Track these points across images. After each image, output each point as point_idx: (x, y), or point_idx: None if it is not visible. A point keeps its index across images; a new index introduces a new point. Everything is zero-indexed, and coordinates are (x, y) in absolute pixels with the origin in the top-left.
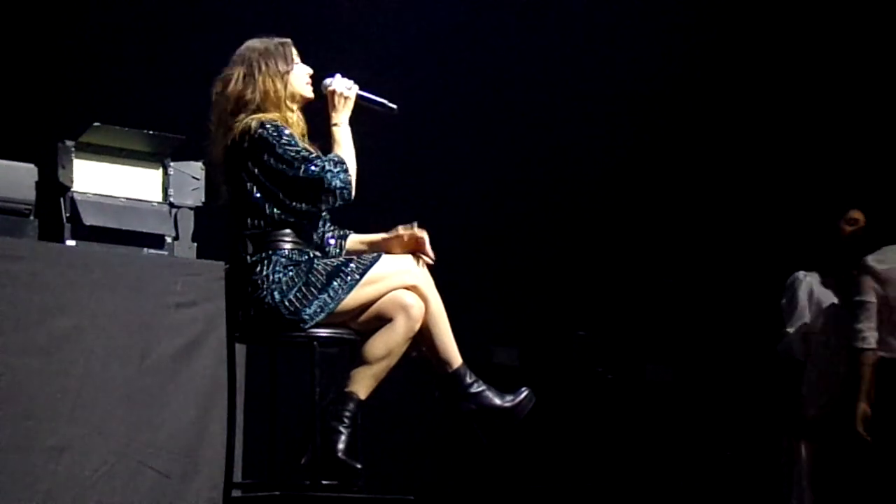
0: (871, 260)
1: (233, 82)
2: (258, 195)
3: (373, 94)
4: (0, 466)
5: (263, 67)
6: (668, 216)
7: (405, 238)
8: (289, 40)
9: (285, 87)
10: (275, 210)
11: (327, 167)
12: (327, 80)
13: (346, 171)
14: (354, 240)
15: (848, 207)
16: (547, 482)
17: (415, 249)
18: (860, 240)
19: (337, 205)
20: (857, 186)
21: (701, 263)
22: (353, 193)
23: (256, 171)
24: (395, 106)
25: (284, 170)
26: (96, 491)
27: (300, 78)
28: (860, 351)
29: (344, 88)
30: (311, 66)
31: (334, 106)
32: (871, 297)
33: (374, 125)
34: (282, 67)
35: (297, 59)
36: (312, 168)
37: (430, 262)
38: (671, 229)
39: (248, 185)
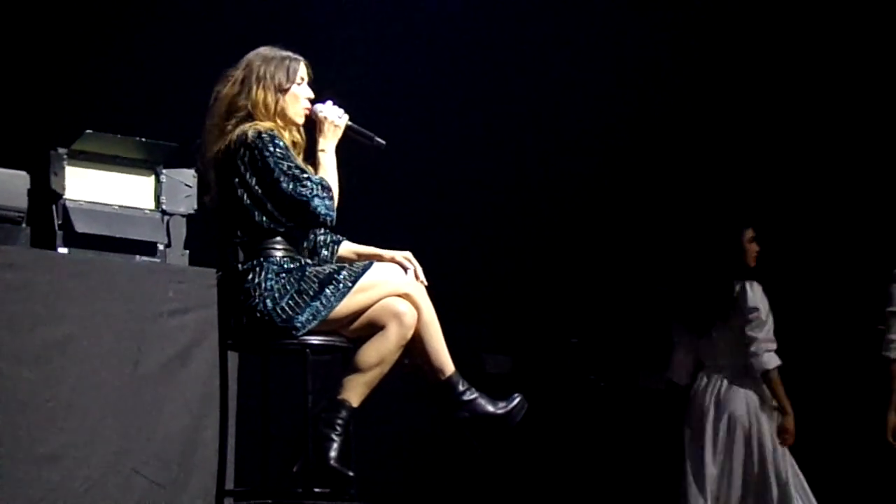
0: None
1: (230, 84)
2: (248, 202)
3: (363, 127)
4: None
5: (261, 76)
6: (660, 224)
7: (397, 261)
8: (301, 58)
9: (277, 102)
10: (263, 218)
11: (315, 191)
12: (318, 106)
13: (331, 197)
14: (348, 248)
15: None
16: (540, 490)
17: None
18: None
19: (318, 230)
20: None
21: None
22: (334, 221)
23: (248, 179)
24: (383, 141)
25: (275, 183)
26: (88, 499)
27: (296, 99)
28: (891, 361)
29: (335, 117)
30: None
31: (323, 132)
32: None
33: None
34: (280, 81)
35: (303, 79)
36: (301, 189)
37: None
38: (663, 237)
39: (239, 191)
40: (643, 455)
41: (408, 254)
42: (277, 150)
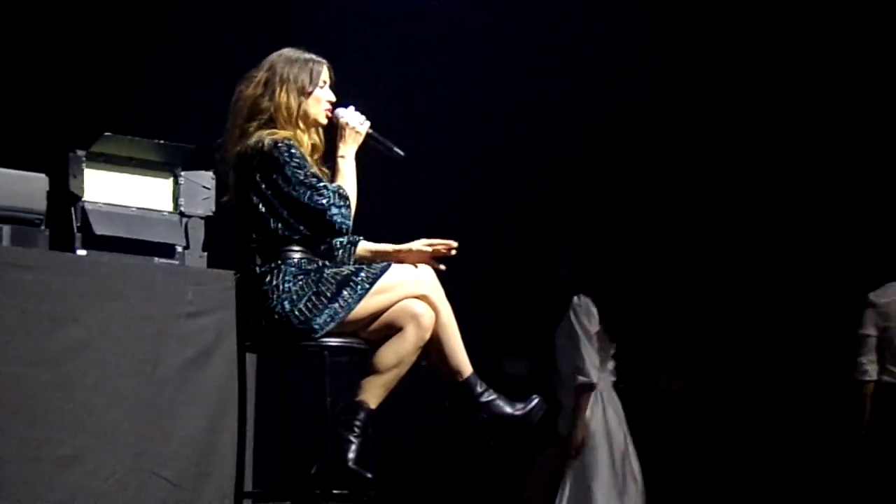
0: (872, 295)
1: (253, 85)
2: (263, 210)
3: (383, 136)
4: (11, 476)
5: (285, 79)
6: (677, 225)
7: (415, 252)
8: (324, 61)
9: (299, 105)
10: (279, 226)
11: (332, 200)
12: (340, 111)
13: (348, 206)
14: (365, 247)
15: None
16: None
17: (431, 256)
18: None
19: (334, 238)
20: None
21: (711, 272)
22: (350, 229)
23: (264, 187)
24: (402, 153)
25: (291, 192)
26: (107, 500)
27: (319, 102)
28: (862, 383)
29: (357, 123)
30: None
31: (343, 138)
32: (872, 331)
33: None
34: (303, 84)
35: (326, 82)
36: (317, 198)
37: (448, 251)
38: (681, 238)
39: (255, 199)
40: (661, 456)
41: (425, 241)
42: (294, 159)
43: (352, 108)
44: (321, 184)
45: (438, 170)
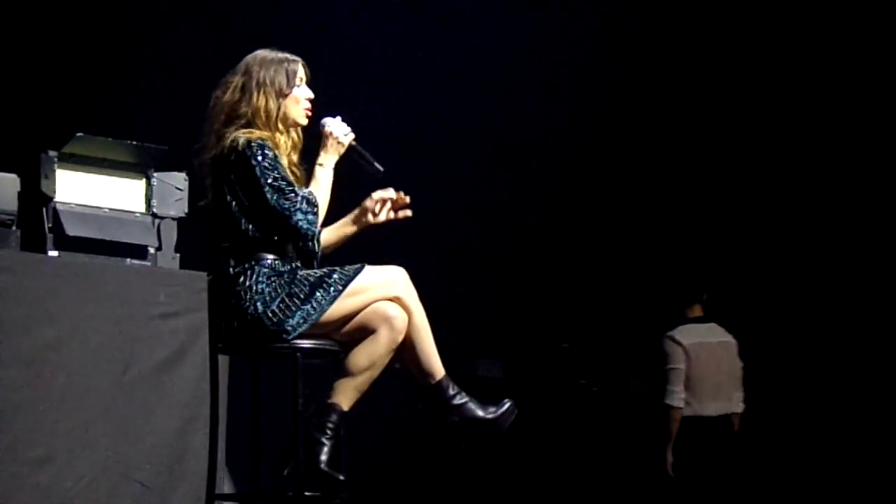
0: (677, 336)
1: (230, 91)
2: (235, 209)
3: (365, 150)
4: None
5: (262, 82)
6: (650, 229)
7: (373, 206)
8: (299, 59)
9: (279, 107)
10: (250, 226)
11: (299, 205)
12: (327, 120)
13: (315, 213)
14: (327, 232)
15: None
16: (530, 494)
17: (391, 209)
18: None
19: (299, 243)
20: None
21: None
22: (316, 236)
23: (237, 187)
24: (382, 168)
25: (258, 193)
26: (79, 502)
27: (297, 102)
28: (670, 407)
29: (340, 133)
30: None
31: (325, 147)
32: (682, 365)
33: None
34: (281, 86)
35: (302, 80)
36: (284, 202)
37: (406, 202)
38: (655, 242)
39: (228, 197)
40: (633, 459)
41: (379, 192)
42: (266, 160)
43: (339, 118)
44: (290, 188)
45: (410, 172)
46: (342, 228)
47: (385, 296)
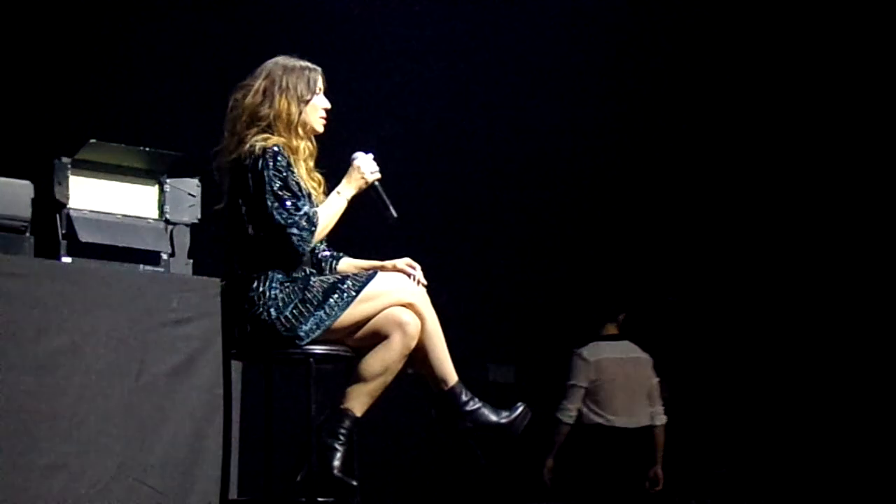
0: (584, 352)
1: (251, 94)
2: (245, 213)
3: (385, 193)
4: None
5: (284, 87)
6: (661, 234)
7: (403, 268)
8: (318, 68)
9: (300, 113)
10: (259, 232)
11: (296, 220)
12: (358, 154)
13: (311, 231)
14: (348, 263)
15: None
16: (543, 499)
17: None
18: None
19: (320, 245)
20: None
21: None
22: (307, 254)
23: (250, 191)
24: (395, 215)
25: (261, 200)
26: None
27: (316, 110)
28: (560, 421)
29: (367, 171)
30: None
31: (348, 177)
32: (584, 383)
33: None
34: (302, 92)
35: (321, 89)
36: (282, 212)
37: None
38: (666, 247)
39: (240, 201)
40: (646, 462)
41: (408, 260)
42: (276, 166)
43: (371, 155)
44: (293, 200)
45: (422, 174)
46: (363, 267)
47: (398, 301)
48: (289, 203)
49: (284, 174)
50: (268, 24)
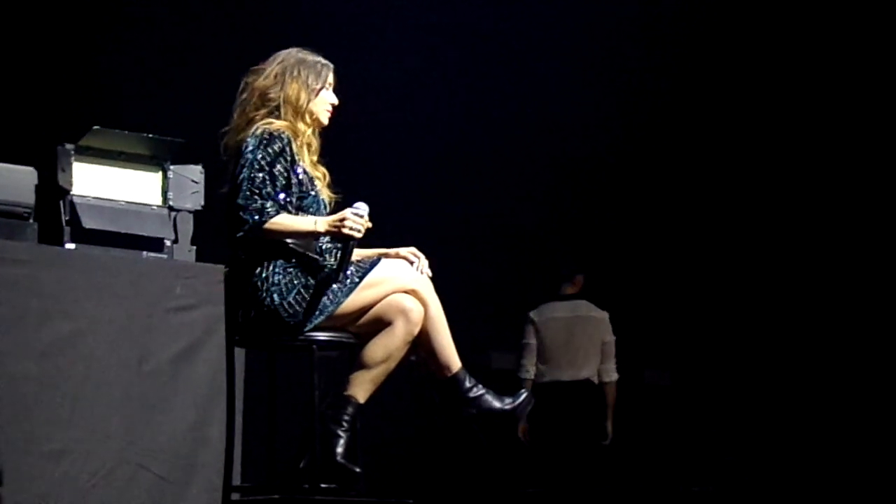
0: (532, 314)
1: (263, 77)
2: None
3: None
4: None
5: (296, 74)
6: (663, 224)
7: (407, 255)
8: (330, 64)
9: (308, 101)
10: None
11: (256, 207)
12: (360, 205)
13: (259, 224)
14: (361, 254)
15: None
16: (545, 485)
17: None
18: None
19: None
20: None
21: (697, 268)
22: (242, 239)
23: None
24: (341, 278)
25: (240, 173)
26: (95, 495)
27: (323, 102)
28: (522, 379)
29: (351, 223)
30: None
31: (334, 218)
32: (533, 340)
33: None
34: (312, 82)
35: (330, 84)
36: (245, 197)
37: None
38: (669, 235)
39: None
40: (648, 451)
41: (413, 249)
42: (267, 150)
43: (366, 209)
44: (265, 190)
45: (427, 163)
46: (367, 256)
47: (401, 288)
48: (256, 196)
49: (272, 161)
50: (272, 10)
